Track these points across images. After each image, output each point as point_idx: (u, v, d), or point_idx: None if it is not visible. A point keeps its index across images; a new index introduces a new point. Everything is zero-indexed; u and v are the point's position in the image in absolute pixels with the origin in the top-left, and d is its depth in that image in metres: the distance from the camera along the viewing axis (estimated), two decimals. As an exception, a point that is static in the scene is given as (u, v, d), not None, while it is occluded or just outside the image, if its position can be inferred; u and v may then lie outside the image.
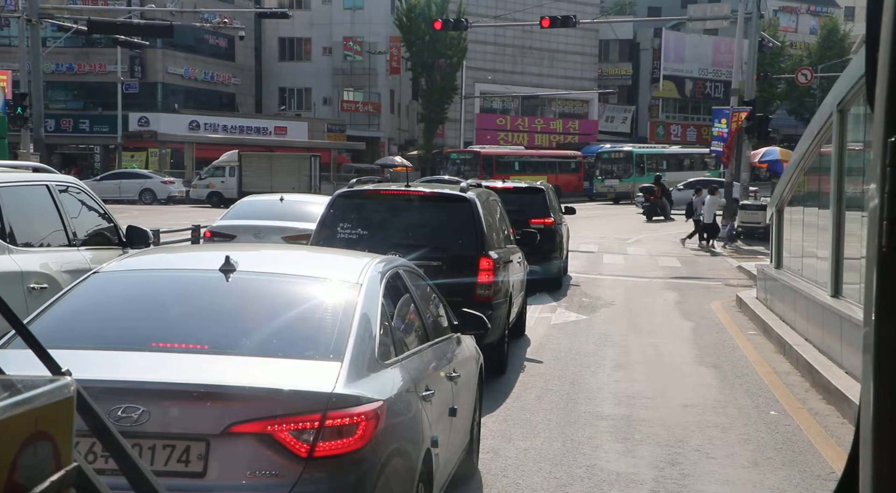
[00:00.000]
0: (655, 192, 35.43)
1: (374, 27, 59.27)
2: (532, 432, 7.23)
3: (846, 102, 9.33)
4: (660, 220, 35.01)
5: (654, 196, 35.35)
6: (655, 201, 35.28)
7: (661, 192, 35.59)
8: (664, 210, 35.57)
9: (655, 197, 35.30)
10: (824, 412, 8.07)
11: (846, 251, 9.38)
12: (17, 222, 6.86)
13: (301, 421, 3.46)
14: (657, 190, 35.50)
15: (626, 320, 13.28)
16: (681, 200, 38.25)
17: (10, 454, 1.16)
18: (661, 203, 35.44)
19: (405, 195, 9.40)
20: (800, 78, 45.93)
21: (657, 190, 35.50)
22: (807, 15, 77.56)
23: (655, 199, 35.30)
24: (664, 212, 35.54)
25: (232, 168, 42.43)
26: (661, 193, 35.52)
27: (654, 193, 35.41)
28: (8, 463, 1.15)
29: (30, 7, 28.08)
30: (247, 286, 4.40)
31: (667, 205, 35.78)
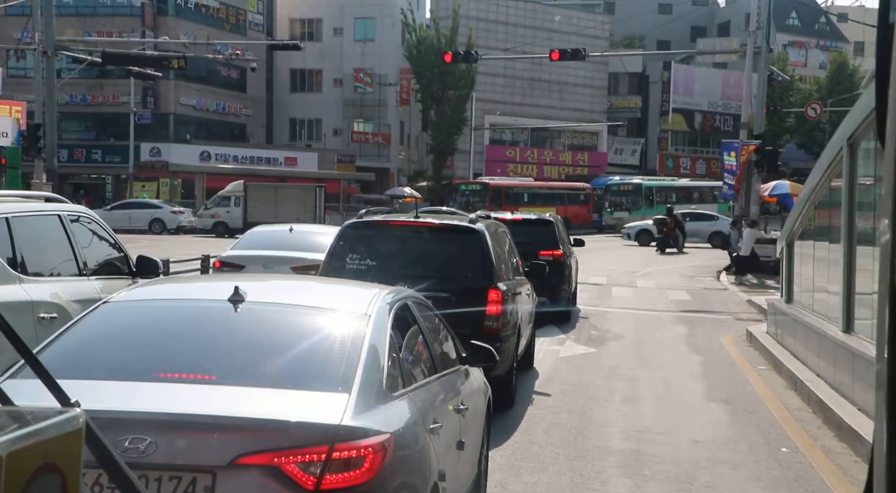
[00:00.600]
0: (668, 224, 35.53)
1: (385, 59, 59.71)
2: (540, 466, 7.18)
3: (856, 136, 9.33)
4: (673, 252, 35.04)
5: (666, 228, 35.46)
6: (669, 233, 35.36)
7: (674, 224, 35.70)
8: (677, 242, 35.64)
9: (668, 229, 35.40)
10: (837, 449, 7.98)
11: (858, 286, 9.33)
12: (29, 252, 6.89)
13: (308, 453, 3.44)
14: (670, 222, 35.60)
15: (635, 353, 13.21)
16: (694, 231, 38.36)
17: (19, 487, 1.15)
18: (673, 235, 35.51)
19: (414, 226, 9.41)
20: (809, 112, 46.04)
21: (670, 222, 35.60)
22: (816, 50, 77.82)
23: (668, 231, 35.40)
24: (677, 244, 35.61)
25: (237, 198, 42.62)
26: (673, 225, 35.62)
27: (667, 225, 35.52)
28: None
29: (46, 40, 28.36)
30: (255, 317, 4.40)
31: (679, 237, 35.85)
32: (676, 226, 35.88)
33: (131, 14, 52.51)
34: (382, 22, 60.12)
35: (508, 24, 64.72)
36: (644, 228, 40.71)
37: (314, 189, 43.43)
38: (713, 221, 40.49)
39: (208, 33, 49.26)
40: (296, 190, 43.81)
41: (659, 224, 36.49)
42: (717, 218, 40.65)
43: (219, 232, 41.45)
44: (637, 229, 40.68)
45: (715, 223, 39.86)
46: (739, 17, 70.73)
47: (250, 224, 40.97)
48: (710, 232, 39.29)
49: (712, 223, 40.08)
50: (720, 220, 39.85)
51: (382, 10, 60.24)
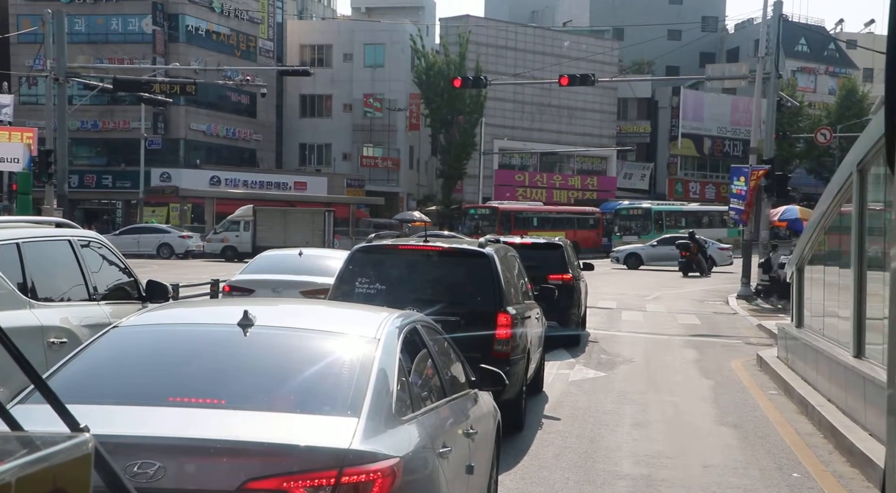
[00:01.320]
0: (691, 248, 35.93)
1: (394, 84, 60.03)
2: (550, 490, 7.14)
3: (866, 161, 9.32)
4: (695, 275, 35.24)
5: (688, 252, 35.80)
6: (691, 257, 35.68)
7: (697, 248, 36.04)
8: (700, 266, 35.89)
9: (691, 253, 35.75)
10: (848, 475, 7.92)
11: (868, 311, 9.29)
12: (39, 277, 6.91)
13: (317, 478, 3.43)
14: (692, 246, 35.93)
15: (645, 377, 13.16)
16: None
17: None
18: (696, 259, 35.85)
19: (423, 250, 9.42)
20: (819, 138, 46.02)
21: (692, 246, 35.93)
22: (825, 75, 77.95)
23: (691, 255, 35.75)
24: (700, 267, 35.85)
25: (247, 223, 42.78)
26: (696, 249, 35.96)
27: (690, 249, 35.89)
28: (25, 520, 1.14)
29: (57, 67, 28.61)
30: (265, 341, 4.40)
31: (702, 260, 36.13)
32: (699, 250, 36.18)
33: (142, 41, 52.98)
34: (392, 48, 60.50)
35: (518, 49, 65.03)
36: (633, 251, 40.93)
37: (323, 213, 43.58)
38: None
39: (219, 59, 49.65)
40: (305, 214, 43.95)
41: (682, 248, 36.71)
42: (707, 243, 40.74)
43: (228, 256, 41.57)
44: (626, 253, 40.82)
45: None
46: (748, 43, 71.04)
47: (259, 248, 41.19)
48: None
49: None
50: (709, 245, 39.84)
51: (392, 37, 60.64)
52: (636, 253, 40.51)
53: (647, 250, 41.03)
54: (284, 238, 38.99)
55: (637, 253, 40.49)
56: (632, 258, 40.05)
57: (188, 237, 43.72)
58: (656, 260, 40.06)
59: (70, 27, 41.81)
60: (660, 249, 40.41)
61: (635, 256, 40.28)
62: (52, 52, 29.04)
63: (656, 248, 40.61)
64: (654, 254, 40.46)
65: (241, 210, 44.00)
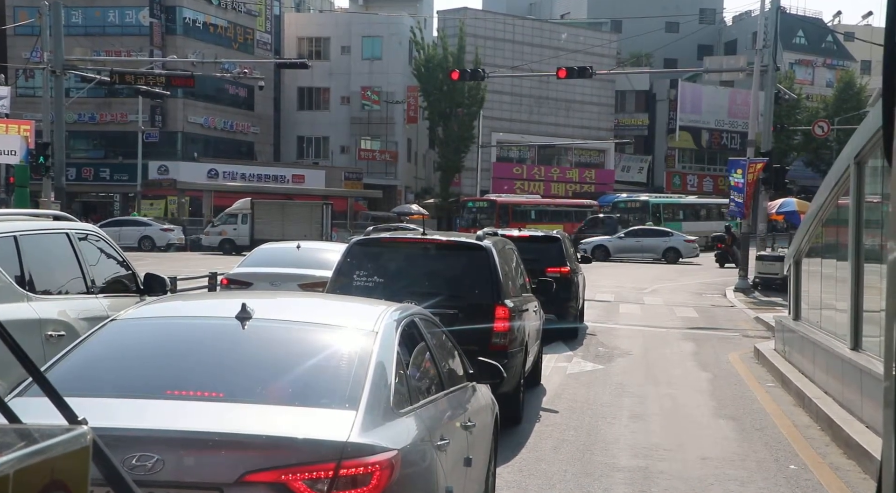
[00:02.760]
0: (726, 240, 36.33)
1: (392, 77, 59.96)
2: (548, 483, 7.15)
3: (863, 154, 9.33)
4: (731, 267, 35.70)
5: (724, 244, 36.25)
6: (727, 249, 36.14)
7: (732, 240, 36.46)
8: (734, 257, 36.32)
9: (726, 245, 36.17)
10: (845, 466, 7.94)
11: (865, 304, 9.31)
12: (37, 270, 6.91)
13: (315, 470, 3.44)
14: (728, 238, 36.34)
15: (642, 370, 13.18)
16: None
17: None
18: (731, 251, 36.30)
19: (421, 243, 9.42)
20: (816, 130, 46.02)
21: (728, 238, 36.34)
22: (823, 68, 77.92)
23: (727, 247, 36.19)
24: (735, 259, 36.28)
25: (245, 216, 42.76)
26: (731, 241, 36.38)
27: (725, 241, 36.32)
28: (23, 513, 1.15)
29: (55, 59, 28.55)
30: (263, 334, 4.40)
31: (737, 252, 36.60)
32: (734, 242, 36.59)
33: (140, 33, 52.87)
34: (389, 40, 60.41)
35: (515, 42, 64.96)
36: (600, 243, 41.18)
37: (321, 206, 43.57)
38: (667, 237, 41.51)
39: (216, 52, 49.53)
40: (303, 207, 43.95)
41: (717, 240, 37.52)
42: (672, 234, 41.81)
43: (226, 249, 41.55)
44: (593, 245, 41.05)
45: (669, 239, 41.06)
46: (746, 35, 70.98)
47: (257, 241, 41.24)
48: (664, 248, 40.41)
49: (666, 240, 41.13)
50: (674, 236, 41.31)
51: (389, 29, 60.56)
52: (603, 245, 40.86)
53: (613, 243, 41.33)
54: (282, 231, 38.99)
55: (604, 245, 40.85)
56: (599, 250, 40.32)
57: (169, 230, 43.59)
58: (623, 252, 40.51)
59: (67, 19, 41.75)
60: (627, 241, 40.84)
61: (602, 248, 40.62)
62: (49, 44, 28.99)
63: (623, 240, 40.93)
64: (621, 246, 40.82)
65: (238, 203, 43.98)
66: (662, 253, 40.18)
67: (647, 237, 41.22)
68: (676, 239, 40.81)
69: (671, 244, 40.39)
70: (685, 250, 40.41)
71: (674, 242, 40.52)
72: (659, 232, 42.24)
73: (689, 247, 40.76)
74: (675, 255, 39.75)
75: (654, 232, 42.17)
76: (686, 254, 40.25)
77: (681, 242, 40.79)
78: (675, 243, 40.34)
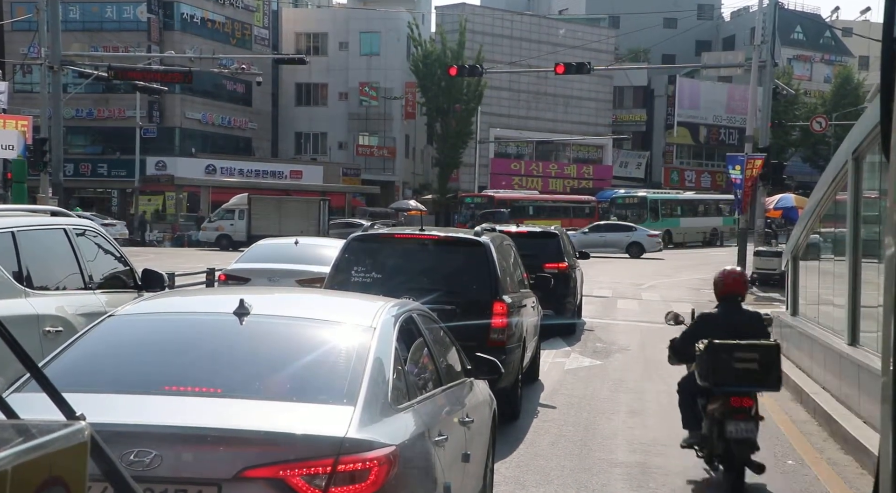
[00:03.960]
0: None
1: (390, 73, 59.90)
2: (545, 478, 7.16)
3: (861, 149, 9.33)
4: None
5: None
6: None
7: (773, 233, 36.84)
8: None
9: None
10: (843, 462, 7.96)
11: (863, 299, 9.32)
12: (34, 266, 6.91)
13: (313, 466, 3.44)
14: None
15: (640, 365, 13.19)
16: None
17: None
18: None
19: (419, 239, 9.41)
20: (814, 126, 46.06)
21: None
22: (821, 64, 77.93)
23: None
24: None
25: (241, 211, 42.77)
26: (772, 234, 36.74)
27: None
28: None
29: (52, 54, 28.48)
30: (261, 330, 4.40)
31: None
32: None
33: (137, 29, 52.78)
34: (387, 36, 60.34)
35: (513, 37, 64.90)
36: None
37: (318, 202, 43.56)
38: (630, 232, 41.74)
39: (214, 48, 49.46)
40: (300, 203, 43.95)
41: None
42: (635, 229, 42.07)
43: (223, 245, 41.53)
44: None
45: (632, 234, 41.33)
46: (744, 31, 70.91)
47: (254, 237, 41.28)
48: (627, 243, 40.64)
49: (629, 234, 41.37)
50: (637, 231, 41.62)
51: (387, 25, 60.48)
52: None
53: (578, 238, 41.49)
54: (279, 227, 39.02)
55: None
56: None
57: (111, 225, 43.33)
58: (586, 247, 40.68)
59: (64, 15, 41.70)
60: (591, 236, 40.98)
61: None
62: (46, 39, 28.91)
63: (588, 235, 41.13)
64: (585, 241, 40.96)
65: (235, 199, 43.95)
66: (626, 248, 40.47)
67: (610, 232, 41.55)
68: (639, 234, 41.23)
69: (634, 239, 40.74)
70: (648, 244, 40.84)
71: (636, 237, 40.88)
72: (622, 227, 42.52)
73: (651, 242, 41.18)
74: (638, 249, 40.05)
75: (618, 227, 42.43)
76: (649, 249, 40.67)
77: (644, 236, 41.22)
78: (638, 238, 40.75)
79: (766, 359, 6.96)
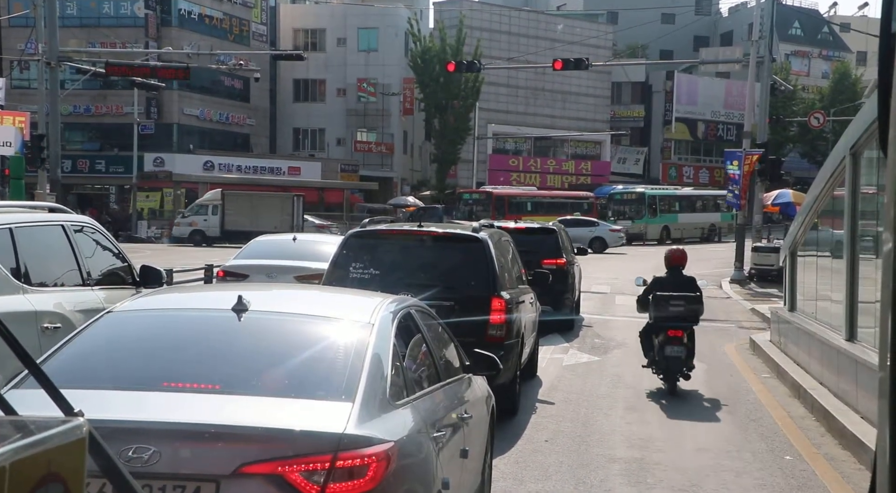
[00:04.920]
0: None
1: (388, 69, 59.83)
2: (544, 474, 7.17)
3: (859, 145, 9.34)
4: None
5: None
6: None
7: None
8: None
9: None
10: (840, 457, 7.97)
11: (861, 295, 9.32)
12: (32, 262, 6.90)
13: (312, 462, 3.44)
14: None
15: (638, 361, 13.17)
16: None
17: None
18: None
19: (417, 235, 9.41)
20: (812, 121, 46.02)
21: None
22: (819, 59, 77.89)
23: None
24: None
25: (215, 207, 42.91)
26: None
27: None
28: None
29: (49, 51, 28.44)
30: (259, 326, 4.40)
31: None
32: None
33: (135, 25, 52.67)
34: (385, 32, 60.26)
35: (511, 33, 64.83)
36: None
37: (291, 198, 43.71)
38: (593, 227, 42.16)
39: (212, 44, 49.37)
40: (273, 199, 44.15)
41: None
42: (598, 224, 42.62)
43: (196, 241, 41.59)
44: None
45: (595, 229, 41.82)
46: (742, 26, 70.88)
47: (227, 233, 41.58)
48: (590, 238, 40.68)
49: (592, 229, 41.72)
50: (600, 226, 42.35)
51: (385, 21, 60.39)
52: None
53: None
54: (253, 222, 39.30)
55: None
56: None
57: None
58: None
59: (62, 11, 41.60)
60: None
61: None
62: (43, 35, 28.86)
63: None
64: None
65: (209, 194, 44.27)
66: (589, 243, 40.56)
67: (573, 227, 41.57)
68: (602, 229, 41.91)
69: (597, 234, 41.14)
70: (611, 239, 41.46)
71: (599, 232, 41.38)
72: (585, 222, 42.73)
73: (614, 236, 41.81)
74: (601, 245, 40.39)
75: (581, 222, 42.50)
76: (611, 243, 41.21)
77: (606, 231, 41.86)
78: (601, 233, 41.33)
79: (691, 305, 10.96)
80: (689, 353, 10.83)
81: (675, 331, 10.75)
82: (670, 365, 10.62)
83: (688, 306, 10.85)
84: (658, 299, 10.81)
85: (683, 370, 10.76)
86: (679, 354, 10.63)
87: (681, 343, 10.70)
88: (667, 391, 10.65)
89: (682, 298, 10.88)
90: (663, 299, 10.81)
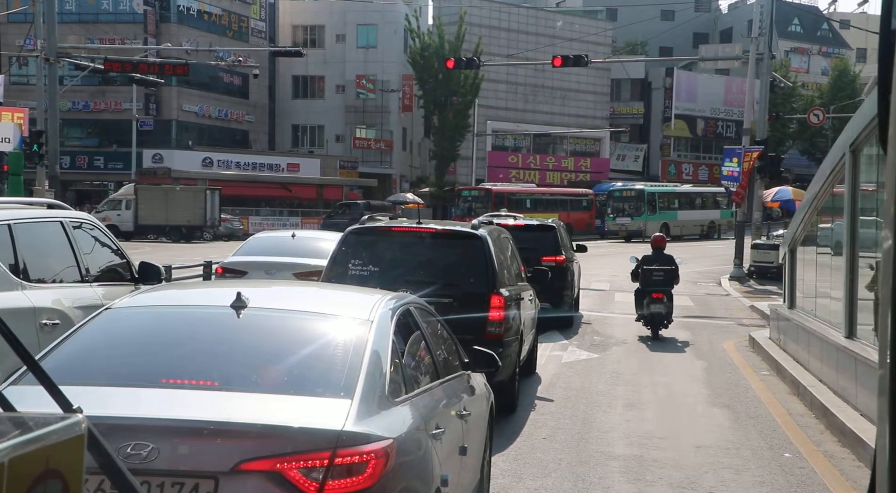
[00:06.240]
0: None
1: (387, 65, 59.80)
2: (543, 471, 7.17)
3: (859, 142, 9.33)
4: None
5: None
6: None
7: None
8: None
9: None
10: (839, 454, 7.97)
11: (860, 292, 9.33)
12: (31, 258, 6.90)
13: (310, 459, 3.44)
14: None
15: (637, 358, 13.20)
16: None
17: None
18: None
19: (416, 232, 9.41)
20: (812, 118, 46.01)
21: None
22: (818, 56, 77.87)
23: None
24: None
25: (129, 201, 43.14)
26: None
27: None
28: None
29: (48, 47, 28.41)
30: (258, 323, 4.40)
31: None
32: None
33: (133, 21, 52.63)
34: (385, 29, 60.23)
35: (511, 30, 64.80)
36: None
37: (204, 192, 43.93)
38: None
39: (211, 40, 49.34)
40: (187, 193, 44.46)
41: None
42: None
43: None
44: None
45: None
46: (742, 23, 70.81)
47: (141, 227, 41.76)
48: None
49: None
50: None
51: (385, 17, 60.35)
52: None
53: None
54: (166, 217, 39.55)
55: None
56: None
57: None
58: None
59: (60, 7, 41.53)
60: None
61: None
62: (42, 31, 28.83)
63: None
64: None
65: (123, 189, 44.92)
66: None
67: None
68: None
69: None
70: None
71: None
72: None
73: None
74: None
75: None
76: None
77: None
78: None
79: (668, 275, 15.01)
80: (668, 310, 14.81)
81: (657, 293, 14.76)
82: (654, 318, 14.76)
83: (666, 276, 15.00)
84: (645, 271, 15.03)
85: (665, 322, 14.85)
86: (660, 310, 14.73)
87: (661, 303, 14.74)
88: (651, 337, 14.75)
89: (662, 270, 15.02)
90: (648, 270, 15.02)
